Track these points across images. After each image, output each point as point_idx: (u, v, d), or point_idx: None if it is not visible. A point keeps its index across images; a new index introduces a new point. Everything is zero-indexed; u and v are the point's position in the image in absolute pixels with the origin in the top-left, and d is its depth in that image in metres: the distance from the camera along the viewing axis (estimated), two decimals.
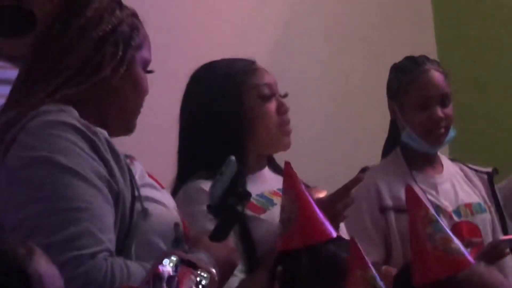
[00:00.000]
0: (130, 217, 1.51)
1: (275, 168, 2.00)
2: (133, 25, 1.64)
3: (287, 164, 1.62)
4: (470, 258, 1.75)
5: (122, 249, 1.49)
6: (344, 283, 1.50)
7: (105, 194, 1.45)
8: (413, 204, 1.76)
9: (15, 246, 1.12)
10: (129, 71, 1.61)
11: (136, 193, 1.50)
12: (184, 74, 2.01)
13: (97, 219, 1.42)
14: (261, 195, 1.92)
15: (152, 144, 2.15)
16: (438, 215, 1.93)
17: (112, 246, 1.42)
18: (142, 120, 1.70)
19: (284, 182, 1.69)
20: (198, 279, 1.21)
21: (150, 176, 1.65)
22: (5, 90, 1.86)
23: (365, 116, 3.08)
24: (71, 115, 1.49)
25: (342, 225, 1.92)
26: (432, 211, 1.64)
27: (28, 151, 1.45)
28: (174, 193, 1.87)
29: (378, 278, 1.44)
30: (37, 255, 1.12)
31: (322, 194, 1.79)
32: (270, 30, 3.11)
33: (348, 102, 3.19)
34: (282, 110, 1.93)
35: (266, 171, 1.98)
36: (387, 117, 2.42)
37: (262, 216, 1.87)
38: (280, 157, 2.03)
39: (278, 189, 1.91)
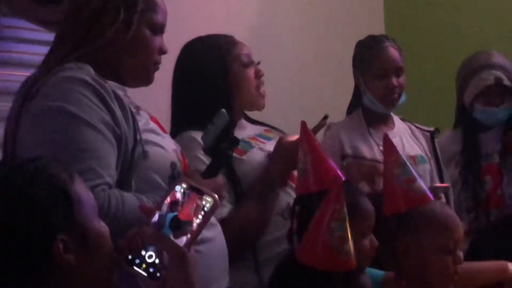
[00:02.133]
0: (131, 157, 1.62)
1: (249, 119, 2.21)
2: None
3: (303, 123, 1.84)
4: (431, 196, 1.94)
5: (123, 183, 1.60)
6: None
7: (109, 138, 1.56)
8: (388, 150, 1.92)
9: (59, 170, 1.25)
10: (135, 32, 1.71)
11: (138, 137, 1.62)
12: (176, 44, 2.10)
13: (100, 158, 1.53)
14: (242, 140, 2.03)
15: (160, 96, 2.20)
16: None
17: (111, 180, 1.53)
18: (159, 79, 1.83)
19: (300, 138, 1.88)
20: (203, 203, 1.31)
21: (155, 121, 1.78)
22: (42, 49, 2.12)
23: (331, 81, 3.17)
24: (86, 72, 1.60)
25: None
26: (402, 156, 1.91)
27: (47, 101, 1.56)
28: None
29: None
30: (77, 180, 1.27)
31: (294, 138, 1.96)
32: (251, 8, 3.22)
33: (317, 68, 3.30)
34: (258, 74, 2.13)
35: (244, 122, 2.17)
36: (351, 83, 2.63)
37: (244, 157, 2.04)
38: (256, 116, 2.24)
39: (255, 135, 2.14)
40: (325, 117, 2.21)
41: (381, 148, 2.39)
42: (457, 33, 3.74)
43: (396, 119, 2.60)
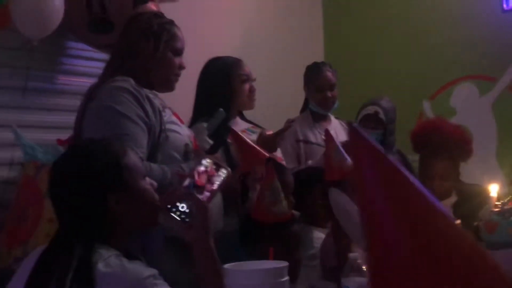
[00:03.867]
0: (157, 140, 1.80)
1: (242, 117, 2.55)
2: (164, 28, 1.94)
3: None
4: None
5: (152, 158, 1.78)
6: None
7: (142, 127, 1.75)
8: (328, 139, 2.13)
9: (114, 147, 1.41)
10: (161, 55, 1.92)
11: (163, 127, 1.82)
12: (194, 61, 2.31)
13: (135, 141, 1.70)
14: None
15: (183, 98, 2.34)
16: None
17: (143, 156, 1.69)
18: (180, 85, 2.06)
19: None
20: (220, 173, 1.51)
21: (176, 116, 1.96)
22: (95, 64, 2.54)
23: (291, 92, 3.51)
24: (128, 83, 1.80)
25: (278, 150, 2.50)
26: (337, 143, 2.08)
27: (102, 102, 1.78)
28: (189, 127, 2.22)
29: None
30: (128, 152, 1.42)
31: (270, 132, 2.33)
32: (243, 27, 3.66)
33: (281, 83, 3.72)
34: (251, 90, 2.48)
35: (238, 119, 2.50)
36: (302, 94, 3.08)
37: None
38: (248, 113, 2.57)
39: (245, 129, 2.45)
40: (292, 121, 2.59)
41: (323, 136, 2.79)
42: (380, 57, 4.06)
43: (332, 118, 3.08)
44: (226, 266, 1.18)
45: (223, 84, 2.41)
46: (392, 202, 0.83)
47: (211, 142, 2.09)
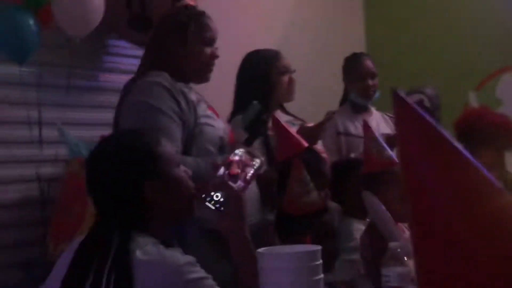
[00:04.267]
0: (192, 133, 1.82)
1: (283, 110, 2.56)
2: (192, 18, 1.93)
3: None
4: (396, 160, 1.99)
5: (186, 152, 1.80)
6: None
7: (176, 122, 1.78)
8: (366, 129, 2.10)
9: (148, 138, 1.41)
10: (191, 47, 1.92)
11: (197, 121, 1.84)
12: (234, 56, 2.46)
13: (169, 135, 1.69)
14: None
15: (223, 92, 2.44)
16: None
17: (178, 150, 1.68)
18: (218, 79, 2.09)
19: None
20: (253, 163, 1.51)
21: (212, 109, 1.97)
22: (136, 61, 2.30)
23: (329, 84, 3.49)
24: (162, 77, 1.83)
25: (320, 143, 2.46)
26: (374, 133, 2.06)
27: (135, 96, 1.82)
28: (229, 121, 2.34)
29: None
30: (162, 141, 1.42)
31: (311, 124, 2.32)
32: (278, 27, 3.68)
33: (319, 77, 3.72)
34: (291, 82, 2.48)
35: (279, 112, 2.49)
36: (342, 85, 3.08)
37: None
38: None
39: (286, 121, 2.38)
40: (333, 112, 2.62)
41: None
42: (421, 49, 4.01)
43: (373, 109, 3.05)
44: (259, 250, 1.16)
45: (262, 76, 2.42)
46: (442, 175, 0.78)
47: (246, 135, 2.08)
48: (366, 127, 2.05)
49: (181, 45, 1.93)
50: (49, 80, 2.48)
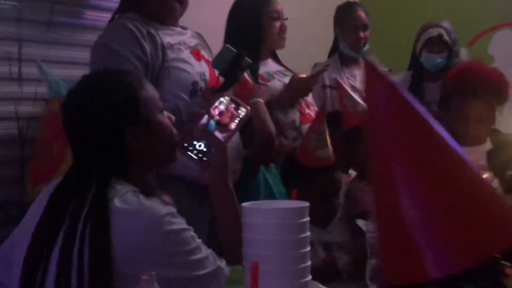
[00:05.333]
0: (157, 77, 1.81)
1: (275, 59, 2.54)
2: None
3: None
4: None
5: None
6: None
7: (136, 65, 1.78)
8: (339, 87, 2.31)
9: (131, 80, 1.36)
10: None
11: (165, 64, 1.83)
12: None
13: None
14: (267, 73, 2.42)
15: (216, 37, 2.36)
16: (355, 92, 2.66)
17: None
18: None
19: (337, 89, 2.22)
20: (239, 112, 1.47)
21: (195, 53, 1.95)
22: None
23: (321, 34, 3.38)
24: (130, 20, 1.83)
25: (310, 94, 2.49)
26: (348, 90, 2.24)
27: (99, 39, 1.87)
28: None
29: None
30: (146, 85, 1.37)
31: (303, 75, 2.33)
32: None
33: (310, 27, 3.64)
34: (282, 28, 2.45)
35: (270, 60, 2.49)
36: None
37: (268, 83, 2.38)
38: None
39: (277, 71, 2.47)
40: (327, 65, 2.65)
41: (350, 81, 2.83)
42: (415, 2, 3.97)
43: (362, 61, 2.92)
44: (244, 204, 1.13)
45: (253, 21, 2.39)
46: (404, 138, 0.82)
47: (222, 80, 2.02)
48: (339, 84, 2.08)
49: None
50: (30, 15, 2.40)
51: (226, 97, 1.47)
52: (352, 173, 2.19)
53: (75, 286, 1.15)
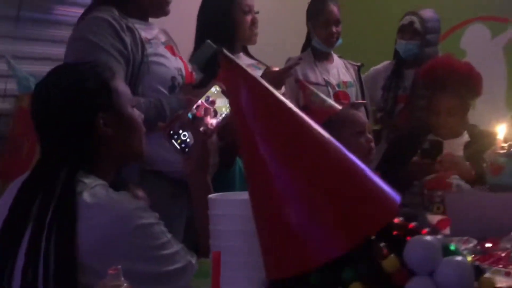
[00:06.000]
0: (137, 72, 1.80)
1: (247, 53, 2.51)
2: None
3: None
4: (338, 106, 2.36)
5: (132, 90, 1.65)
6: None
7: (117, 59, 1.75)
8: (302, 86, 2.33)
9: (104, 70, 1.36)
10: None
11: (144, 59, 1.81)
12: None
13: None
14: None
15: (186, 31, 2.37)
16: (327, 87, 2.80)
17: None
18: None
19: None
20: (227, 106, 1.46)
21: (169, 49, 1.94)
22: None
23: (294, 28, 3.37)
24: (108, 13, 1.80)
25: (283, 89, 2.37)
26: (312, 88, 2.29)
27: (78, 32, 1.82)
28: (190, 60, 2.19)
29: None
30: (117, 77, 1.37)
31: (276, 69, 2.26)
32: None
33: (283, 21, 3.64)
34: (254, 21, 2.42)
35: (241, 54, 2.45)
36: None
37: None
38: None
39: (250, 64, 2.40)
40: (300, 58, 2.67)
41: (324, 76, 2.88)
42: None
43: (335, 56, 3.03)
44: (210, 196, 1.11)
45: (224, 14, 2.37)
46: (267, 126, 0.84)
47: (201, 75, 2.05)
48: (302, 84, 2.07)
49: None
50: None
51: (217, 87, 1.46)
52: None
53: (42, 279, 1.14)
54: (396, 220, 0.83)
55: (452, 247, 0.81)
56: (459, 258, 0.79)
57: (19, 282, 1.16)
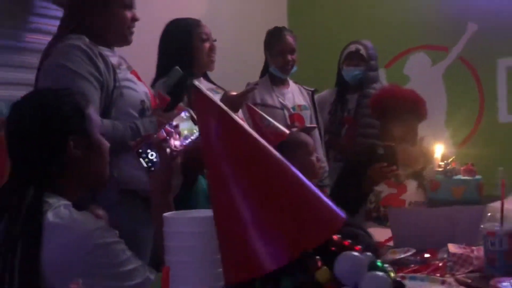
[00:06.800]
0: (111, 96, 1.79)
1: (206, 78, 2.53)
2: None
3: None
4: (286, 131, 2.36)
5: (105, 114, 1.77)
6: None
7: (94, 85, 1.74)
8: (250, 112, 2.27)
9: (79, 98, 1.39)
10: (111, 10, 1.89)
11: (116, 84, 1.80)
12: (161, 23, 2.49)
13: (87, 98, 1.55)
14: None
15: (146, 56, 2.41)
16: (283, 110, 2.85)
17: (95, 112, 1.52)
18: (141, 46, 2.09)
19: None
20: (194, 131, 1.46)
21: (134, 74, 1.96)
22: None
23: (252, 55, 3.41)
24: (81, 41, 1.79)
25: (240, 112, 2.42)
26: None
27: (53, 59, 1.78)
28: (152, 86, 2.32)
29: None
30: (91, 106, 1.41)
31: (234, 93, 2.28)
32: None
33: (243, 48, 3.64)
34: (212, 48, 2.46)
35: (202, 79, 2.48)
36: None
37: None
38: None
39: (209, 89, 2.42)
40: (256, 84, 2.71)
41: (280, 99, 2.93)
42: (338, 27, 4.08)
43: (290, 82, 3.08)
44: (165, 214, 1.13)
45: (184, 42, 2.40)
46: (234, 151, 0.89)
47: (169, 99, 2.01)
48: (251, 109, 2.06)
49: (102, 8, 1.89)
50: None
51: (187, 113, 1.47)
52: None
53: None
54: (335, 237, 0.89)
55: (379, 264, 0.87)
56: (380, 273, 0.84)
57: None
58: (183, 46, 2.40)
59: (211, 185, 0.91)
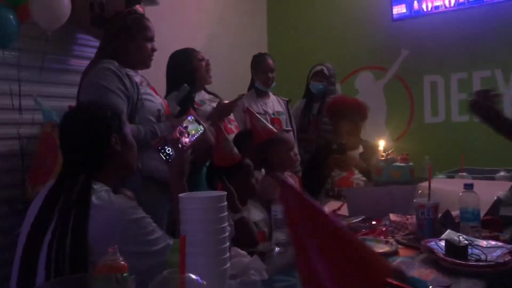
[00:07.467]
0: (135, 106, 1.80)
1: (205, 90, 2.50)
2: (136, 21, 1.91)
3: (217, 125, 1.92)
4: (274, 129, 2.28)
5: (131, 120, 1.78)
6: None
7: (122, 98, 1.75)
8: (218, 131, 1.89)
9: (116, 107, 1.45)
10: (136, 42, 1.89)
11: (139, 97, 1.82)
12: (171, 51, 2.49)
13: (117, 108, 1.52)
14: (201, 100, 2.40)
15: (161, 77, 2.44)
16: (265, 115, 2.78)
17: (126, 119, 1.47)
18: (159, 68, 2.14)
19: (216, 132, 1.89)
20: (199, 129, 1.45)
21: (152, 89, 1.96)
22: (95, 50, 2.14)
23: (241, 73, 3.30)
24: (112, 64, 1.79)
25: (232, 114, 2.41)
26: (225, 135, 1.91)
27: (91, 79, 1.78)
28: (166, 97, 2.30)
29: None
30: (124, 114, 1.48)
31: (227, 101, 2.23)
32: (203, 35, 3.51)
33: (233, 68, 3.55)
34: (207, 65, 2.45)
35: (202, 91, 2.46)
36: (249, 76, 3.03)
37: (201, 107, 2.35)
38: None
39: (207, 99, 2.43)
40: (242, 95, 2.69)
41: (262, 107, 2.90)
42: (306, 54, 4.02)
43: (271, 94, 3.05)
44: (181, 195, 1.11)
45: (185, 62, 2.40)
46: (310, 225, 0.86)
47: (179, 108, 2.08)
48: (218, 129, 1.96)
49: (129, 41, 1.89)
50: (27, 62, 2.31)
51: (192, 116, 1.45)
52: (263, 171, 2.20)
53: (61, 259, 1.13)
54: (389, 280, 0.85)
55: None
56: None
57: (44, 264, 1.14)
58: (185, 66, 2.39)
59: (297, 254, 0.86)
